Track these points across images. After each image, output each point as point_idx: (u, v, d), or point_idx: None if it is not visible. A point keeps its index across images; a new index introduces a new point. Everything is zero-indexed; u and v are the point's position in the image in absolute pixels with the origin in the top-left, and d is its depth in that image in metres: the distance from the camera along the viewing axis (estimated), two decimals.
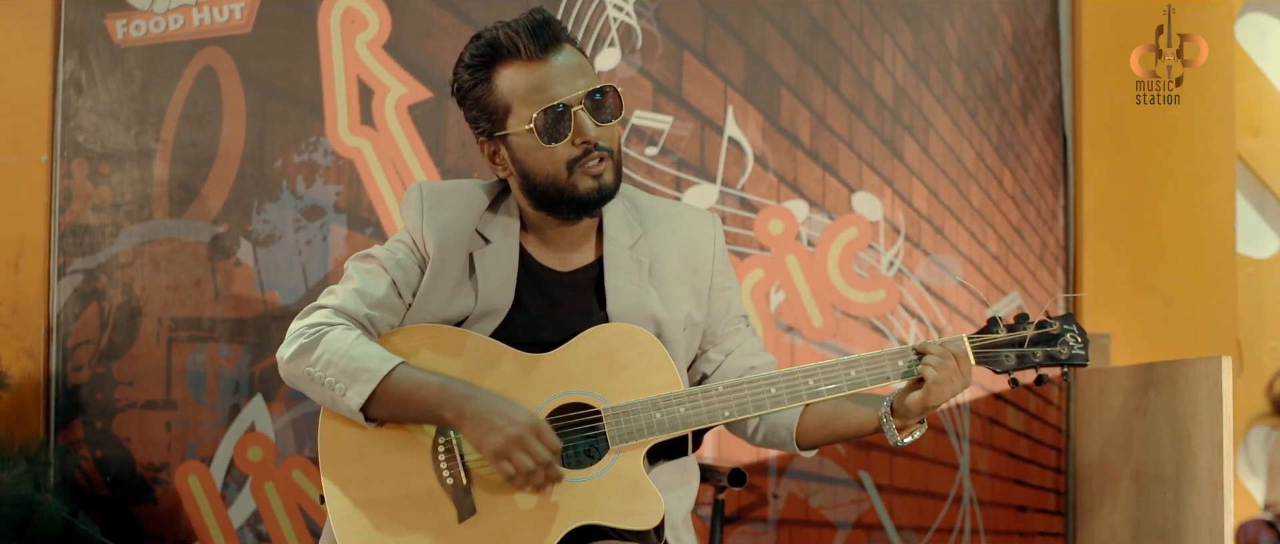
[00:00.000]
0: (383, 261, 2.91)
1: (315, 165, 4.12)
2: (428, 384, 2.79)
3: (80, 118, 4.12)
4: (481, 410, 2.76)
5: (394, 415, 2.82)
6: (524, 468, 2.71)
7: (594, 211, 2.92)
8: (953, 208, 4.32)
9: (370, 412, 2.78)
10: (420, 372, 2.81)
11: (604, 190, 2.88)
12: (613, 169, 2.89)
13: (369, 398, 2.75)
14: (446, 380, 2.80)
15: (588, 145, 2.83)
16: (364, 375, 2.76)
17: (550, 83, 2.83)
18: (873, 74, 4.29)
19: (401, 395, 2.78)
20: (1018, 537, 4.33)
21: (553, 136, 2.83)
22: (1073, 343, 2.86)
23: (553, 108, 2.82)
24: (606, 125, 2.87)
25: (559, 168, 2.84)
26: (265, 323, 4.09)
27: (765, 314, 4.19)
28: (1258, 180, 4.42)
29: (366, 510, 2.81)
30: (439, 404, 2.79)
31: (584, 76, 2.87)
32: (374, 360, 2.78)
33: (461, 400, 2.77)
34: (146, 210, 4.11)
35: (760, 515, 4.18)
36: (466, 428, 2.76)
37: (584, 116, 2.83)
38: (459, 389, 2.78)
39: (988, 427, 4.31)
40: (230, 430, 4.07)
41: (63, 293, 4.12)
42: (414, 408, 2.81)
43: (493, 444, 2.73)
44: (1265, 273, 4.40)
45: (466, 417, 2.76)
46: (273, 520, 4.09)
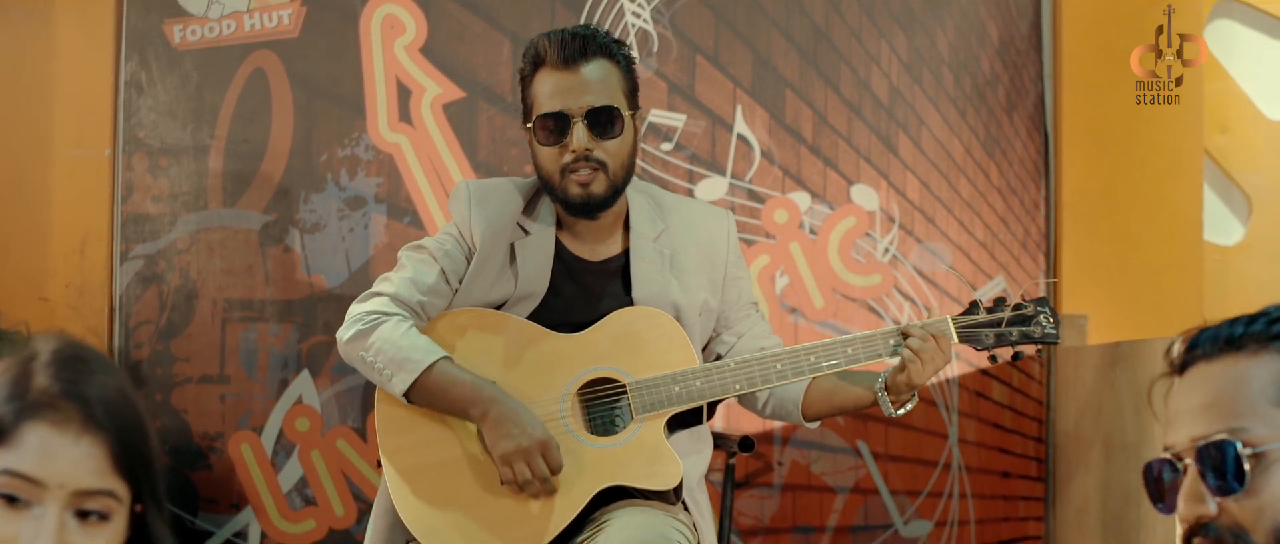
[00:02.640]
0: (433, 252, 3.04)
1: (357, 159, 4.13)
2: (461, 382, 2.92)
3: (141, 115, 4.12)
4: (502, 416, 2.88)
5: (430, 403, 2.95)
6: (522, 477, 2.85)
7: (591, 215, 3.01)
8: (943, 199, 4.33)
9: (412, 397, 2.92)
10: (458, 370, 2.93)
11: (591, 199, 2.97)
12: (604, 181, 2.96)
13: (411, 386, 2.90)
14: (478, 382, 2.92)
15: (577, 155, 2.93)
16: (409, 366, 2.90)
17: (560, 92, 2.95)
18: (870, 76, 4.30)
19: (438, 388, 2.91)
20: (1002, 500, 4.36)
21: (545, 140, 2.96)
22: (1045, 323, 3.01)
23: (552, 114, 2.94)
24: (604, 141, 2.94)
25: (554, 169, 2.96)
26: (311, 304, 4.11)
27: (771, 296, 4.21)
28: (1224, 174, 4.44)
29: (418, 474, 2.95)
30: (469, 402, 2.91)
31: (594, 93, 2.95)
32: (419, 352, 2.91)
33: (488, 402, 2.89)
34: (202, 200, 4.12)
35: (766, 481, 4.21)
36: (486, 427, 2.89)
37: (581, 129, 2.92)
38: (488, 392, 2.90)
39: (975, 400, 4.33)
40: (279, 402, 4.09)
41: (125, 277, 4.12)
42: (447, 401, 2.93)
43: (503, 449, 2.86)
44: (1230, 259, 4.41)
45: (489, 418, 2.88)
46: (318, 485, 4.10)
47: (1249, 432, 1.62)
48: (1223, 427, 1.63)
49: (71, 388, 1.65)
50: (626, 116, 2.98)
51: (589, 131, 2.93)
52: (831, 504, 4.24)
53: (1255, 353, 1.65)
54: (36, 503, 1.62)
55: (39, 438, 1.63)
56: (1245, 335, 1.66)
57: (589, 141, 2.92)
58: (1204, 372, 1.68)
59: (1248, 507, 1.61)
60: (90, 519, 1.64)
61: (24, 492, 1.61)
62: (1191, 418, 1.67)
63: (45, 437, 1.63)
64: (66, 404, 1.64)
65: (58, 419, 1.64)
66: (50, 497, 1.61)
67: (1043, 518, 4.40)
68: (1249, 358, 1.65)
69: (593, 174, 2.94)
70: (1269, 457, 1.61)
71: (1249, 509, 1.61)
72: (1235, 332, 1.67)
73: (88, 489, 1.63)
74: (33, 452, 1.62)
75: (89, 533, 1.63)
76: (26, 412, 1.64)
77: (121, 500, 1.66)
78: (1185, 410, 1.69)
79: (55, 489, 1.61)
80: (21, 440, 1.63)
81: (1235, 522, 1.62)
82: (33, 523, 1.61)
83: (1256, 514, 1.61)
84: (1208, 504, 1.63)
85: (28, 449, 1.62)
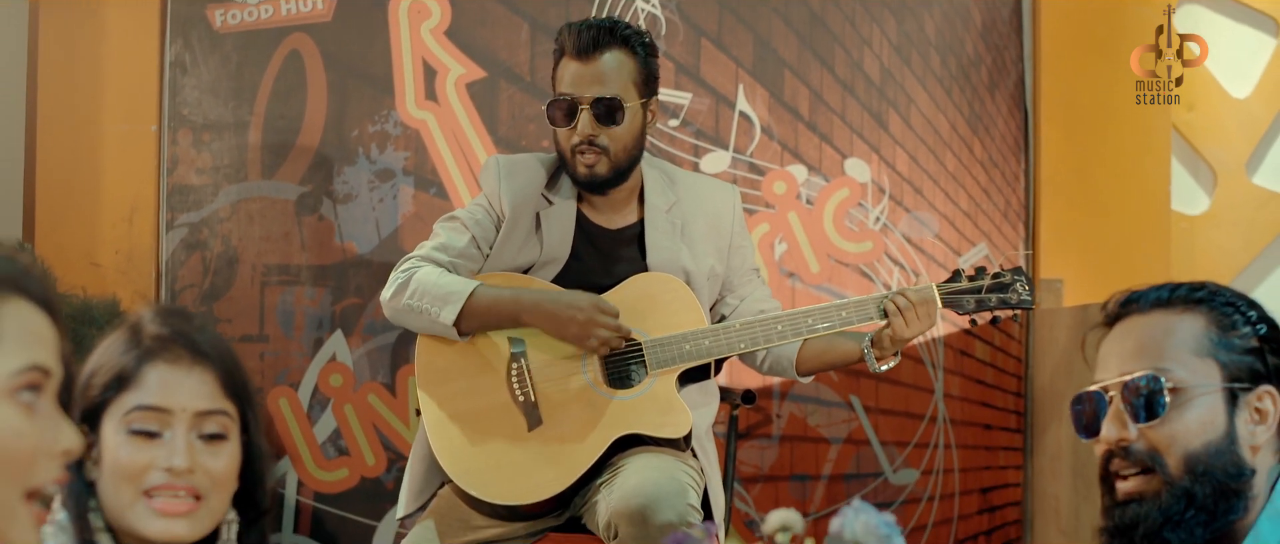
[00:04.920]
0: (464, 221, 3.18)
1: (386, 135, 4.19)
2: (503, 297, 3.05)
3: (185, 93, 4.19)
4: (551, 308, 3.02)
5: (481, 326, 3.06)
6: (601, 339, 2.99)
7: (599, 192, 3.14)
8: (930, 172, 4.37)
9: (461, 326, 3.02)
10: (495, 288, 3.05)
11: (594, 178, 3.11)
12: (607, 163, 3.10)
13: (459, 314, 3.00)
14: (517, 291, 3.05)
15: (582, 139, 3.07)
16: (453, 298, 3.01)
17: (574, 80, 3.09)
18: (862, 57, 4.34)
19: (484, 308, 3.02)
20: (984, 450, 4.40)
21: (557, 122, 3.11)
22: (1022, 291, 3.13)
23: (562, 99, 3.09)
24: (607, 127, 3.08)
25: (564, 148, 3.12)
26: (344, 268, 4.17)
27: (770, 262, 4.25)
28: (1191, 148, 4.43)
29: (454, 421, 3.08)
30: (517, 309, 3.04)
31: (603, 84, 3.08)
32: (458, 285, 3.03)
33: (535, 303, 3.03)
34: (242, 173, 4.18)
35: (766, 432, 4.27)
36: (543, 323, 3.02)
37: (586, 116, 3.07)
38: (529, 297, 3.04)
39: (959, 357, 4.38)
40: (314, 360, 4.16)
41: (171, 244, 4.18)
42: (496, 317, 3.05)
43: (571, 332, 3.00)
44: (1196, 228, 4.39)
45: (542, 313, 3.02)
46: (351, 437, 4.18)
47: (1171, 372, 1.90)
48: (1149, 366, 1.91)
49: (178, 331, 1.92)
50: (630, 106, 3.09)
51: (593, 119, 3.06)
52: (826, 454, 4.30)
53: (1183, 311, 1.94)
54: (165, 429, 1.88)
55: (158, 375, 1.90)
56: (1174, 298, 1.95)
57: (593, 128, 3.06)
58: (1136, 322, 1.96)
59: (1162, 434, 1.90)
60: (211, 440, 1.90)
61: (154, 423, 1.88)
62: (1122, 358, 1.95)
63: (163, 373, 1.90)
64: (176, 344, 1.91)
65: (170, 357, 1.90)
66: (176, 421, 1.88)
67: (1021, 466, 4.43)
68: (1177, 314, 1.94)
69: (596, 157, 3.08)
70: (1184, 396, 1.89)
71: (1164, 436, 1.89)
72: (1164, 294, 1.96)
73: (205, 409, 1.89)
74: (155, 387, 1.89)
75: (212, 451, 1.90)
76: (144, 356, 1.90)
77: (233, 419, 1.92)
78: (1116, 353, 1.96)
79: (179, 413, 1.88)
80: (144, 381, 1.89)
81: (1152, 446, 1.90)
82: (165, 447, 1.88)
83: (1170, 441, 1.89)
84: (1130, 429, 1.91)
85: (150, 386, 1.89)
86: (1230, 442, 1.89)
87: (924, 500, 4.35)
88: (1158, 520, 1.88)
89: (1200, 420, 1.89)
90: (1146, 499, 1.90)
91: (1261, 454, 1.91)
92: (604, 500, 2.98)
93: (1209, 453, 1.88)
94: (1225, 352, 1.91)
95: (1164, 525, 1.88)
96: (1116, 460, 1.94)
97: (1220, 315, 1.93)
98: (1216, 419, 1.89)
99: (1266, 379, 1.92)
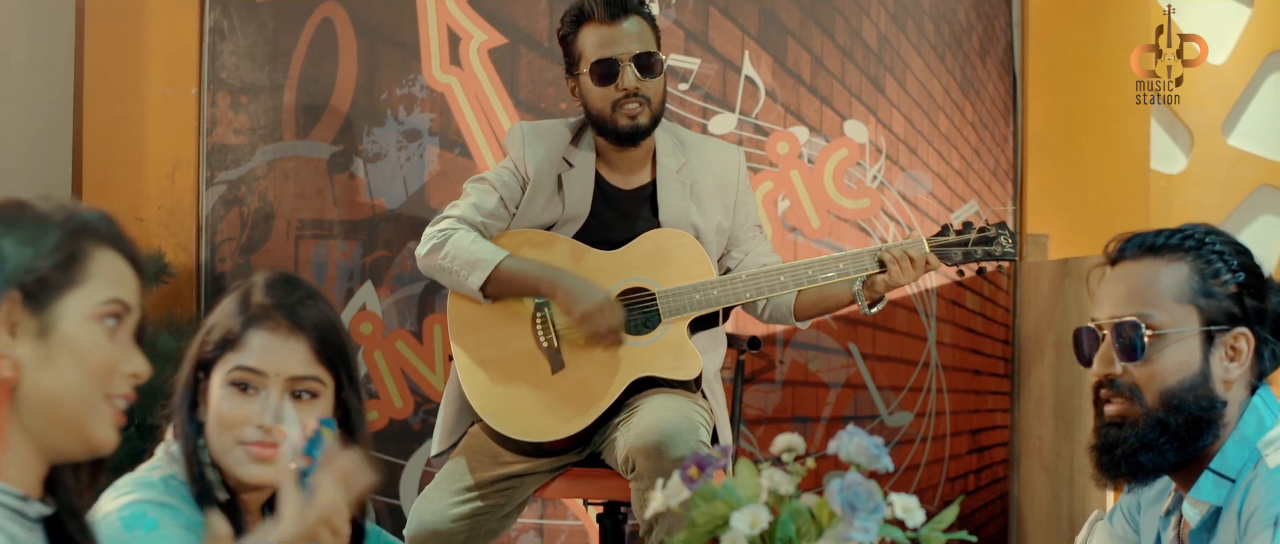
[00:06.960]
0: (492, 182, 3.29)
1: (413, 98, 4.26)
2: (528, 269, 3.17)
3: (223, 58, 4.26)
4: (571, 288, 3.14)
5: (505, 292, 3.18)
6: (600, 328, 3.10)
7: (635, 142, 3.21)
8: (924, 133, 4.41)
9: (487, 291, 3.15)
10: (522, 261, 3.17)
11: (638, 129, 3.19)
12: (649, 114, 3.19)
13: (486, 280, 3.14)
14: (542, 266, 3.17)
15: (627, 92, 3.16)
16: (482, 264, 3.14)
17: (611, 41, 3.19)
18: (861, 25, 4.38)
19: (510, 277, 3.15)
20: (974, 394, 4.46)
21: (598, 83, 3.20)
22: (1005, 243, 3.25)
23: (606, 60, 3.19)
24: (647, 80, 3.19)
25: (606, 106, 3.19)
26: (374, 223, 4.26)
27: (774, 218, 4.31)
28: (1169, 111, 4.33)
29: (483, 366, 3.22)
30: (538, 282, 3.16)
31: (639, 42, 3.19)
32: (488, 253, 3.15)
33: (555, 279, 3.15)
34: (277, 133, 4.25)
35: (769, 377, 4.34)
36: (559, 299, 3.14)
37: (631, 70, 3.17)
38: (551, 273, 3.16)
39: (950, 307, 4.43)
40: (346, 309, 4.23)
41: (210, 200, 4.27)
42: (520, 286, 3.16)
43: (580, 310, 3.12)
44: (1174, 186, 4.35)
45: (559, 290, 3.14)
46: (381, 381, 4.26)
47: (1152, 317, 2.11)
48: (1134, 310, 2.12)
49: (280, 303, 2.12)
50: (662, 59, 3.23)
51: (637, 73, 3.18)
52: (826, 398, 4.37)
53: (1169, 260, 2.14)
54: (262, 388, 2.11)
55: (259, 340, 2.11)
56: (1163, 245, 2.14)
57: (636, 81, 3.16)
58: (1128, 267, 2.17)
59: (1143, 372, 2.12)
60: (302, 398, 2.12)
61: (252, 381, 2.10)
62: (1113, 301, 2.16)
63: (263, 339, 2.11)
64: (277, 314, 2.12)
65: (271, 326, 2.11)
66: (270, 383, 2.10)
67: (1008, 409, 4.49)
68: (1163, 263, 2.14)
69: (640, 107, 3.17)
70: (1165, 339, 2.11)
71: (1144, 374, 2.12)
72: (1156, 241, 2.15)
73: (297, 375, 2.11)
74: (255, 351, 2.10)
75: (302, 409, 2.11)
76: (249, 322, 2.12)
77: (325, 384, 2.13)
78: (1108, 295, 2.17)
79: (273, 376, 2.10)
80: (247, 344, 2.11)
81: (1134, 381, 2.13)
82: (260, 403, 2.10)
83: (1149, 378, 2.12)
84: (1115, 365, 2.14)
85: (252, 349, 2.11)
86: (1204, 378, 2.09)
87: (918, 441, 4.41)
88: (1134, 444, 2.11)
89: (1177, 360, 2.10)
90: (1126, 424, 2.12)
91: (1234, 388, 2.12)
92: (622, 437, 3.07)
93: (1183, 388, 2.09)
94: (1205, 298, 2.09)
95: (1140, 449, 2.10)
96: (1105, 389, 2.17)
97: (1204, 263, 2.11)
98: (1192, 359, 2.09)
99: (1243, 321, 2.12)
